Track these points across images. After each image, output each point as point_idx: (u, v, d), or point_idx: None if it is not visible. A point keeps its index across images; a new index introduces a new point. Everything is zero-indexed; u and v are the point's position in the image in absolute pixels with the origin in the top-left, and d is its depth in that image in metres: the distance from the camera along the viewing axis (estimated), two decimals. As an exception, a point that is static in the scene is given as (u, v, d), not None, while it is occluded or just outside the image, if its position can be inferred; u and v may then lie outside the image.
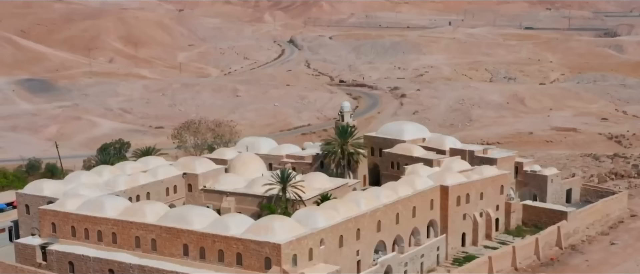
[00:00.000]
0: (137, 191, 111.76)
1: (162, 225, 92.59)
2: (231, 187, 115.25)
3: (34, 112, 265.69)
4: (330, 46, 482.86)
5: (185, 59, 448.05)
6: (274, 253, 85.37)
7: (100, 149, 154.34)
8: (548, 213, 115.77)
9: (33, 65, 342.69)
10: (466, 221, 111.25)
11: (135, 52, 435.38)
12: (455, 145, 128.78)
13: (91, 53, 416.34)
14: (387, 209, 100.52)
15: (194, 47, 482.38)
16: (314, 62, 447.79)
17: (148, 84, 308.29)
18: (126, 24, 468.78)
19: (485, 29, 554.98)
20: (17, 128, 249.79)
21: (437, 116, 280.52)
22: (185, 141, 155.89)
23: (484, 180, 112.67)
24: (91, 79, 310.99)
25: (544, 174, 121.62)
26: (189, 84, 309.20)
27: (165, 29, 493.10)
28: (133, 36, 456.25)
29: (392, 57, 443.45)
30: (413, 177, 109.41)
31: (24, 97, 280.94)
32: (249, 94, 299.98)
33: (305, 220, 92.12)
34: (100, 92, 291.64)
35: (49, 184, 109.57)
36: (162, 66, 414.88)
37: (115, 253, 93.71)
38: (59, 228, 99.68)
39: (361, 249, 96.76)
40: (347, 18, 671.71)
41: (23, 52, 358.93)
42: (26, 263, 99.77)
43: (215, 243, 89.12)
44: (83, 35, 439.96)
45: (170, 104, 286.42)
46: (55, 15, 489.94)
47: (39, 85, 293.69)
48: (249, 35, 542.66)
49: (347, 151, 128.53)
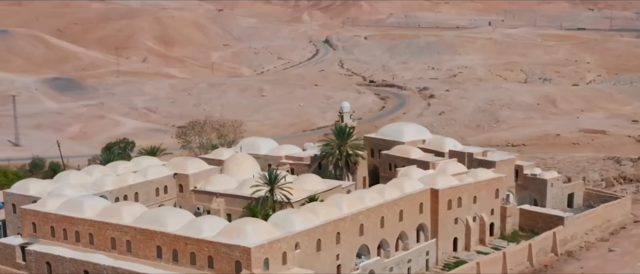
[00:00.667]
0: (124, 191, 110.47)
1: (136, 226, 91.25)
2: (222, 188, 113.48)
3: (59, 111, 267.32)
4: (364, 46, 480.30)
5: (219, 59, 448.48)
6: (244, 257, 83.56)
7: (105, 149, 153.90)
8: (544, 218, 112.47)
9: (62, 64, 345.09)
10: (458, 226, 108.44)
11: (169, 51, 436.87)
12: (455, 147, 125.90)
13: (125, 52, 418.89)
14: (371, 213, 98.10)
15: (228, 46, 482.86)
16: (348, 62, 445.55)
17: (174, 83, 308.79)
18: (161, 24, 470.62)
19: (525, 29, 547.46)
20: (41, 126, 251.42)
21: (463, 117, 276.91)
22: (190, 141, 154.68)
23: (477, 183, 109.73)
24: (118, 78, 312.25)
25: (544, 178, 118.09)
26: (215, 83, 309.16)
27: (200, 29, 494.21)
28: (168, 36, 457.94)
29: (426, 58, 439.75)
30: (402, 180, 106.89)
31: (50, 95, 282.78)
32: (275, 94, 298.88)
33: (282, 223, 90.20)
34: (127, 91, 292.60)
35: (35, 184, 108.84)
36: (195, 66, 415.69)
37: (91, 254, 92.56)
38: (39, 228, 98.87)
39: (342, 253, 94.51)
40: (386, 18, 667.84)
41: (53, 51, 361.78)
42: (6, 262, 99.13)
43: (188, 246, 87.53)
44: (118, 35, 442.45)
45: (195, 103, 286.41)
46: (92, 15, 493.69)
47: (66, 84, 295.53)
48: (285, 35, 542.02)
49: (345, 153, 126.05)
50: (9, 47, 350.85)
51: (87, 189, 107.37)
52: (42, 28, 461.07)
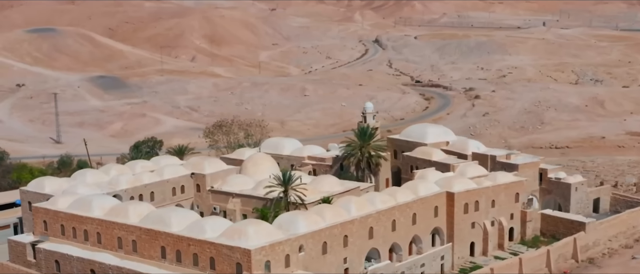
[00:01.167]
0: (139, 191, 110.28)
1: (141, 226, 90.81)
2: (238, 188, 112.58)
3: (102, 109, 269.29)
4: (414, 46, 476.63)
5: (267, 58, 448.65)
6: (244, 259, 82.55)
7: (133, 147, 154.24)
8: (566, 223, 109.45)
9: (109, 62, 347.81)
10: (475, 230, 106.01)
11: (218, 50, 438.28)
12: (479, 149, 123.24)
13: (174, 51, 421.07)
14: (381, 216, 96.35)
15: (277, 46, 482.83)
16: (397, 62, 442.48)
17: (218, 82, 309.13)
18: (211, 23, 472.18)
19: (579, 30, 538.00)
20: (83, 124, 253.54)
21: (507, 118, 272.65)
22: (217, 141, 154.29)
23: (495, 187, 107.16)
24: (162, 76, 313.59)
25: (567, 182, 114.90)
26: (258, 83, 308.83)
27: (250, 28, 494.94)
28: (217, 35, 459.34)
29: (476, 58, 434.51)
30: (417, 183, 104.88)
31: (94, 93, 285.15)
32: (317, 93, 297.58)
33: (287, 225, 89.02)
34: (170, 90, 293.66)
35: (50, 182, 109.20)
36: (243, 65, 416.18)
37: (98, 253, 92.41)
38: (50, 226, 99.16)
39: (350, 256, 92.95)
40: (439, 18, 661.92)
41: (100, 49, 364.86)
42: (18, 260, 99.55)
43: (190, 247, 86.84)
44: (167, 34, 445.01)
45: (237, 102, 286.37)
46: (144, 14, 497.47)
47: (110, 82, 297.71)
48: (334, 35, 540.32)
49: (366, 154, 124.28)
50: (56, 45, 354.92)
51: (101, 188, 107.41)
52: (95, 27, 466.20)
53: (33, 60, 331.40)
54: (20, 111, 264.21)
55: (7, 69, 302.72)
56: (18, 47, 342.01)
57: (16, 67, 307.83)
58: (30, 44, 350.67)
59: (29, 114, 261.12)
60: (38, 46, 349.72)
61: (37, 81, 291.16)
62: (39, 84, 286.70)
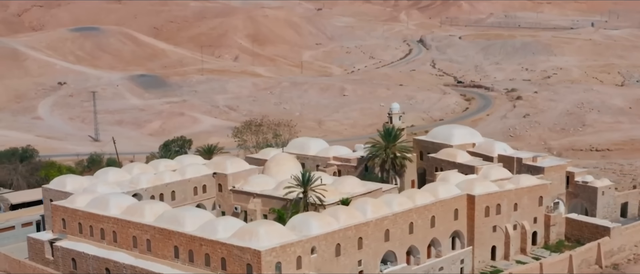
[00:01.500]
0: (160, 190, 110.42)
1: (155, 226, 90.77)
2: (259, 188, 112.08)
3: (142, 108, 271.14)
4: (458, 46, 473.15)
5: (310, 58, 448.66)
6: (254, 260, 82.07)
7: (163, 146, 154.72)
8: (591, 227, 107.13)
9: (150, 61, 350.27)
10: (497, 234, 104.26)
11: (261, 50, 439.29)
12: (505, 152, 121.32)
13: (217, 51, 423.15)
14: (398, 218, 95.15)
15: (320, 45, 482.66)
16: (440, 62, 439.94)
17: (257, 82, 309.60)
18: (255, 23, 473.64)
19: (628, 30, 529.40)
20: (122, 122, 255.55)
21: (548, 120, 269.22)
22: (246, 140, 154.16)
23: (518, 190, 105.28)
24: (203, 76, 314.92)
25: (594, 186, 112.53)
26: (298, 82, 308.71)
27: (293, 28, 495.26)
28: (261, 34, 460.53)
29: (521, 58, 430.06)
30: (437, 185, 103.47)
31: (135, 92, 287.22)
32: (356, 93, 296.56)
33: (300, 226, 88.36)
34: (210, 89, 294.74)
35: (72, 180, 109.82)
36: (285, 65, 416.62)
37: (113, 252, 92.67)
38: (68, 224, 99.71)
39: (365, 259, 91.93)
40: (486, 18, 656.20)
41: (142, 48, 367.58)
42: (36, 257, 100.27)
43: (202, 247, 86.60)
44: (211, 33, 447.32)
45: (276, 102, 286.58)
46: (189, 13, 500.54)
47: (151, 81, 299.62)
48: (379, 35, 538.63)
49: (390, 155, 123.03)
50: (98, 44, 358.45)
51: (121, 187, 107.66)
52: (140, 26, 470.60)
53: (76, 58, 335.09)
54: (61, 109, 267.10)
55: (50, 68, 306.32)
56: (61, 45, 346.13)
57: (59, 65, 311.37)
58: (73, 42, 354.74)
59: (69, 112, 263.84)
60: (81, 45, 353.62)
61: (79, 79, 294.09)
62: (81, 83, 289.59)
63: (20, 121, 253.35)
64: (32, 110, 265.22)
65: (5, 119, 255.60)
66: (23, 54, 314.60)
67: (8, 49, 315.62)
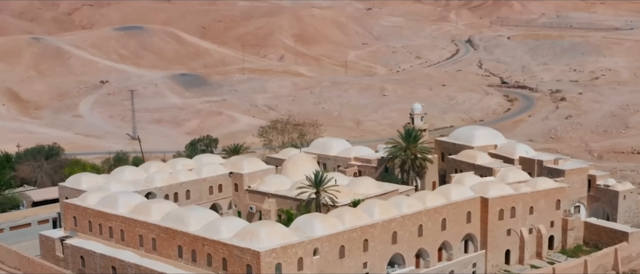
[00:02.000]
0: (174, 189, 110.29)
1: (160, 225, 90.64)
2: (275, 188, 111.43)
3: (181, 107, 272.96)
4: (506, 46, 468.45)
5: (356, 58, 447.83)
6: (254, 261, 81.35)
7: (189, 145, 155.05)
8: (609, 232, 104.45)
9: (193, 60, 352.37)
10: (511, 237, 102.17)
11: (307, 49, 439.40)
12: (527, 154, 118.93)
13: (262, 50, 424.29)
14: (406, 220, 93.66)
15: (367, 45, 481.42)
16: (487, 62, 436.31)
17: (298, 81, 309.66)
18: (301, 22, 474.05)
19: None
20: (161, 121, 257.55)
21: (590, 122, 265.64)
22: (272, 140, 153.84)
23: (534, 193, 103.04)
24: (244, 75, 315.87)
25: (616, 190, 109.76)
26: (338, 82, 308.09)
27: (340, 28, 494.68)
28: (307, 34, 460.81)
29: (569, 59, 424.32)
30: (449, 187, 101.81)
31: (175, 91, 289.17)
32: (396, 93, 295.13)
33: (303, 228, 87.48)
34: (250, 88, 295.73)
35: (87, 178, 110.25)
36: (330, 64, 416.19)
37: (119, 251, 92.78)
38: (79, 222, 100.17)
39: (370, 261, 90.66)
40: (537, 18, 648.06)
41: (185, 47, 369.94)
42: (48, 254, 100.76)
43: (205, 247, 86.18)
44: (257, 33, 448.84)
45: (315, 102, 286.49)
46: (236, 12, 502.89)
47: (192, 80, 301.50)
48: (426, 35, 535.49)
49: (410, 156, 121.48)
50: (142, 43, 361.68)
51: (135, 186, 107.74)
52: (188, 25, 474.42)
53: (119, 57, 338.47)
54: (101, 107, 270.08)
55: (92, 66, 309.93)
56: (105, 44, 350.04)
57: (102, 64, 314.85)
58: (117, 41, 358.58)
59: (109, 110, 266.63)
60: (125, 44, 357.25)
61: (121, 78, 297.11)
62: (122, 81, 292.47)
63: (61, 119, 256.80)
64: (74, 108, 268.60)
65: (47, 116, 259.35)
66: (67, 52, 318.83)
67: (53, 47, 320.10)
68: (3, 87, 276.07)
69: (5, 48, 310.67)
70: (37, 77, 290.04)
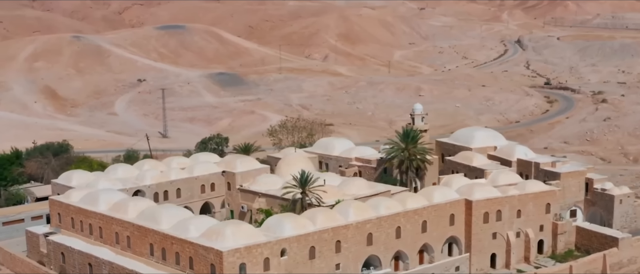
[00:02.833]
0: (164, 187, 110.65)
1: (134, 223, 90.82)
2: (266, 188, 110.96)
3: (215, 105, 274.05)
4: (555, 47, 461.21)
5: (401, 58, 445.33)
6: (217, 260, 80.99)
7: (200, 143, 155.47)
8: (600, 237, 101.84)
9: (233, 59, 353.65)
10: (497, 241, 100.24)
11: (352, 49, 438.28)
12: (526, 156, 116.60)
13: (307, 50, 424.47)
14: (383, 222, 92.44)
15: (413, 45, 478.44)
16: (535, 63, 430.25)
17: (334, 81, 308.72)
18: (348, 22, 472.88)
19: None
20: (194, 120, 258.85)
21: (629, 124, 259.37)
22: (282, 140, 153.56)
23: (522, 196, 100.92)
24: (280, 74, 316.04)
25: (611, 194, 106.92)
26: (374, 82, 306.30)
27: (387, 27, 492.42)
28: (352, 33, 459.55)
29: (618, 60, 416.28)
30: (433, 189, 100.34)
31: (211, 90, 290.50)
32: (432, 94, 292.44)
33: (273, 228, 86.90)
34: (285, 87, 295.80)
35: (78, 175, 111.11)
36: (374, 64, 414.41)
37: (97, 248, 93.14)
38: (63, 218, 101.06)
39: (343, 263, 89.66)
40: (592, 18, 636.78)
41: (226, 46, 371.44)
42: (33, 250, 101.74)
43: (173, 245, 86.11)
44: (302, 32, 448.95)
45: (349, 102, 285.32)
46: (284, 12, 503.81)
47: (229, 79, 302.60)
48: (475, 35, 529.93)
49: (407, 156, 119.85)
50: (183, 42, 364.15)
51: (124, 183, 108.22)
52: (235, 24, 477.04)
53: (158, 56, 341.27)
54: (136, 105, 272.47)
55: (131, 64, 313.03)
56: (146, 43, 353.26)
57: (140, 62, 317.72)
58: (157, 40, 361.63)
59: (144, 108, 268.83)
60: (165, 43, 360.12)
61: (158, 77, 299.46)
62: (160, 80, 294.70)
63: (95, 117, 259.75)
64: (109, 106, 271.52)
65: (82, 114, 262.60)
66: (107, 50, 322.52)
67: (93, 45, 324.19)
68: (41, 84, 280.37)
69: (47, 46, 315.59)
70: (75, 75, 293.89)
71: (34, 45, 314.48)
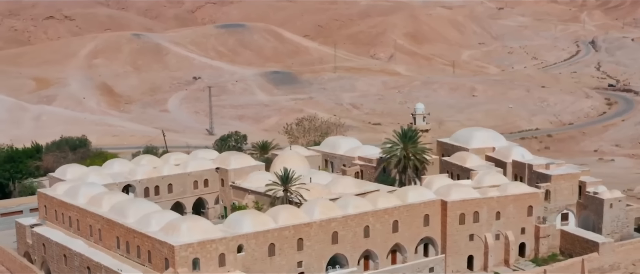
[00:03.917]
0: (155, 182, 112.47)
1: (103, 216, 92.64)
2: (256, 185, 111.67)
3: (266, 104, 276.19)
4: (629, 48, 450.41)
5: (469, 57, 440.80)
6: (170, 254, 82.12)
7: (219, 140, 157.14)
8: (582, 242, 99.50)
9: (291, 58, 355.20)
10: (475, 242, 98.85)
11: (418, 49, 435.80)
12: (523, 157, 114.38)
13: (372, 49, 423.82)
14: (349, 221, 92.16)
15: (483, 45, 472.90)
16: (606, 64, 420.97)
17: (388, 80, 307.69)
18: (416, 21, 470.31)
19: None
20: (243, 117, 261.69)
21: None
22: (298, 138, 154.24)
23: (501, 198, 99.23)
24: (335, 73, 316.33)
25: (601, 198, 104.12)
26: (428, 81, 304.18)
27: (457, 27, 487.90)
28: (420, 33, 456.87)
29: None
30: (408, 189, 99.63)
31: (264, 88, 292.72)
32: (486, 94, 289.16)
33: (233, 224, 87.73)
34: (339, 86, 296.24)
35: (72, 169, 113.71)
36: (440, 64, 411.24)
37: (72, 240, 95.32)
38: (48, 210, 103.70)
39: (306, 260, 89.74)
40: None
41: (285, 45, 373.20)
42: (21, 241, 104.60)
43: (135, 239, 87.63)
44: (369, 32, 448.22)
45: (400, 101, 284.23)
46: (354, 11, 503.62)
47: (283, 78, 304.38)
48: (548, 35, 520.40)
49: (403, 155, 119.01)
50: (241, 40, 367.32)
51: (115, 178, 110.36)
52: (304, 24, 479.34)
53: (216, 54, 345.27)
54: (189, 102, 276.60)
55: (188, 62, 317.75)
56: (205, 41, 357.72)
57: (197, 60, 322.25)
58: (216, 38, 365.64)
59: (196, 105, 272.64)
60: (224, 41, 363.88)
61: (214, 75, 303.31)
62: (215, 78, 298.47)
63: (147, 113, 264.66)
64: (163, 103, 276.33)
65: (135, 111, 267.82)
66: (165, 48, 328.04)
67: (152, 43, 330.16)
68: (99, 81, 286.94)
69: (108, 44, 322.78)
70: (132, 72, 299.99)
71: (95, 43, 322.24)
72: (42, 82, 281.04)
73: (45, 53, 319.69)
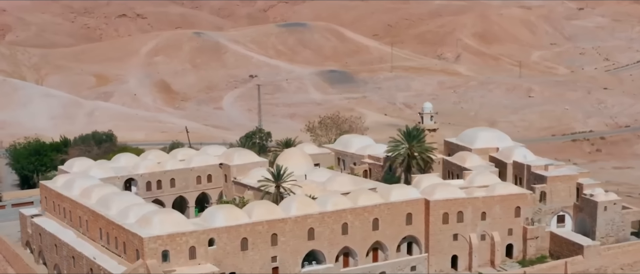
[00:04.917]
0: (157, 176, 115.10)
1: (90, 208, 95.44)
2: (255, 181, 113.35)
3: (319, 102, 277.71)
4: None
5: (539, 58, 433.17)
6: (140, 246, 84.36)
7: (244, 137, 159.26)
8: (568, 244, 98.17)
9: (350, 57, 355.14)
10: (459, 242, 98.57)
11: (487, 49, 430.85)
12: (525, 158, 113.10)
13: (439, 49, 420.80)
14: (326, 217, 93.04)
15: (555, 46, 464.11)
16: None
17: (444, 80, 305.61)
18: (486, 21, 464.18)
19: None
20: (294, 116, 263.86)
21: None
22: (320, 135, 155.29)
23: (486, 198, 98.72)
24: (391, 73, 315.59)
25: (595, 200, 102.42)
26: (485, 81, 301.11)
27: (529, 27, 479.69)
28: (490, 33, 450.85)
29: None
30: (391, 187, 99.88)
31: (319, 87, 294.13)
32: (543, 95, 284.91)
33: (207, 218, 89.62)
34: (394, 86, 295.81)
35: (80, 162, 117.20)
36: (508, 64, 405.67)
37: (63, 230, 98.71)
38: (48, 202, 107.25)
39: (280, 256, 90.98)
40: None
41: (345, 44, 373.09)
42: (23, 230, 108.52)
43: (113, 230, 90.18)
44: (437, 31, 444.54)
45: (455, 101, 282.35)
46: (424, 11, 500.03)
47: (339, 77, 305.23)
48: (624, 36, 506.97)
49: (407, 154, 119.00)
50: (301, 39, 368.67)
51: (117, 172, 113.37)
52: (374, 23, 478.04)
53: (275, 53, 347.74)
54: (243, 100, 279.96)
55: (246, 60, 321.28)
56: (265, 40, 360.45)
57: (255, 59, 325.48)
58: (277, 37, 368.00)
59: (250, 103, 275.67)
60: (283, 40, 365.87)
61: (270, 73, 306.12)
62: (271, 76, 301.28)
63: (201, 111, 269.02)
64: (218, 100, 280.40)
65: (189, 108, 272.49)
66: (224, 47, 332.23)
67: (212, 42, 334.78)
68: (157, 78, 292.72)
69: (168, 42, 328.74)
70: (191, 70, 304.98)
71: (156, 41, 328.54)
72: (102, 79, 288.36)
73: (109, 50, 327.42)
